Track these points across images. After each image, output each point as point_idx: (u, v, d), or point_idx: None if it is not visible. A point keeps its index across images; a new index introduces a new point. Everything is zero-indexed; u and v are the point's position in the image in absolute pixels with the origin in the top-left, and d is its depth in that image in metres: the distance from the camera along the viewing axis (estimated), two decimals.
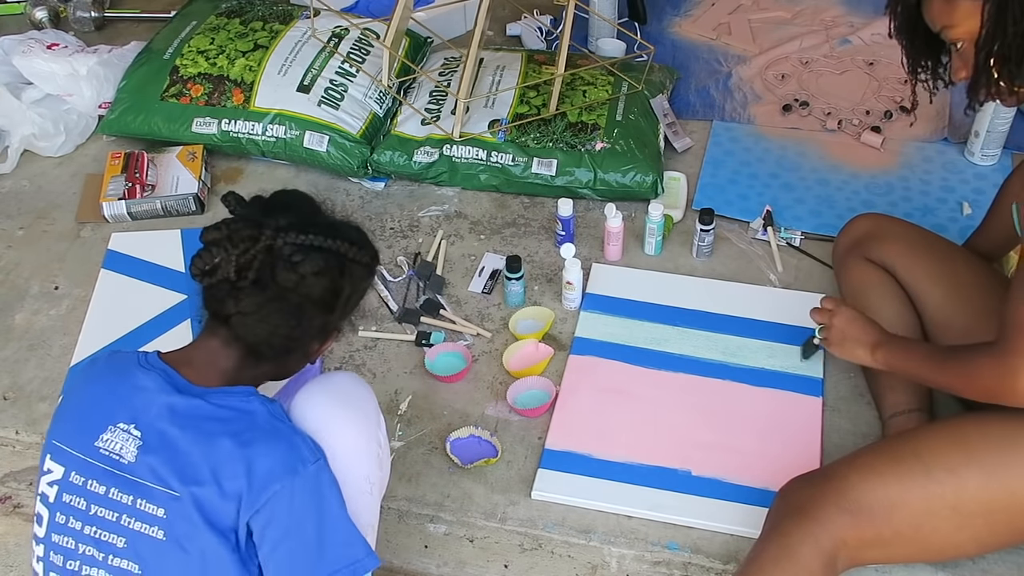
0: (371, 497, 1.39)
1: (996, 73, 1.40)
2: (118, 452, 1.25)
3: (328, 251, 1.30)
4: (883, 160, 2.38)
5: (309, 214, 1.37)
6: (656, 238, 2.13)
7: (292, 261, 1.28)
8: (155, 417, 1.26)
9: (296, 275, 1.28)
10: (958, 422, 1.54)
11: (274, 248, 1.27)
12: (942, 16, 1.42)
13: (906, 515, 1.44)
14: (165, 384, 1.28)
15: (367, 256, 1.37)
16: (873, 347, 1.63)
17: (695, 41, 2.79)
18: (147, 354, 1.33)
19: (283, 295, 1.28)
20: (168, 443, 1.25)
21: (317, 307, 1.32)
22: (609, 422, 1.81)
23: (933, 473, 1.43)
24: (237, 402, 1.28)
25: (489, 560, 1.69)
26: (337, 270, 1.32)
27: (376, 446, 1.41)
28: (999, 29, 1.36)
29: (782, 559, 1.44)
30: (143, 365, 1.31)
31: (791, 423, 1.80)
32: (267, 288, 1.27)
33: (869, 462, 1.48)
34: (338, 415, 1.37)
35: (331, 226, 1.34)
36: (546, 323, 1.99)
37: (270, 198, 1.38)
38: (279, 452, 1.25)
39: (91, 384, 1.34)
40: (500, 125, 2.31)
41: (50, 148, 2.46)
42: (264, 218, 1.30)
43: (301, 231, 1.29)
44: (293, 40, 2.48)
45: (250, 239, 1.27)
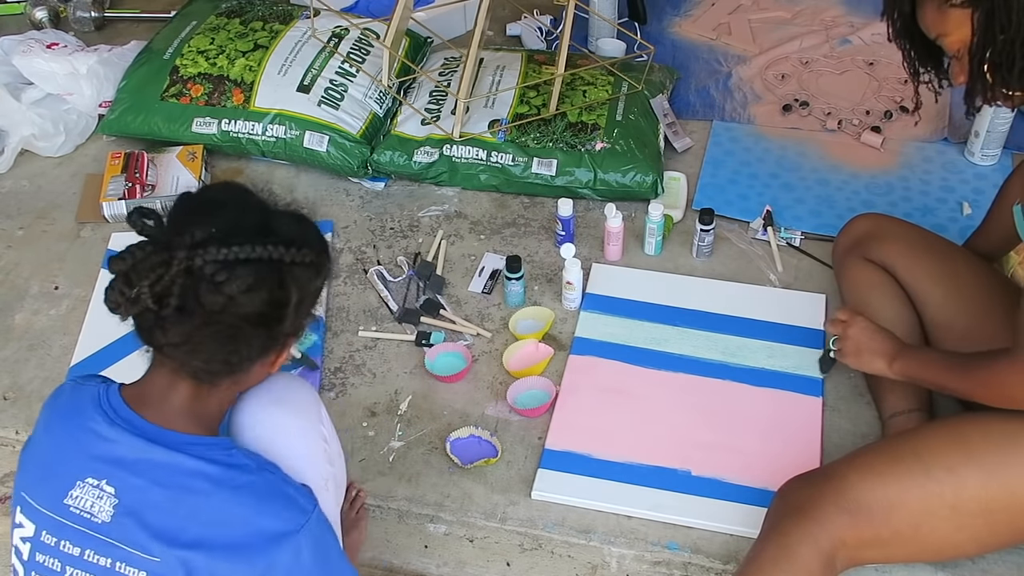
0: (327, 492, 1.33)
1: (991, 79, 1.41)
2: (90, 511, 1.16)
3: (258, 261, 1.14)
4: (883, 160, 2.38)
5: (235, 216, 1.18)
6: (656, 238, 2.13)
7: (216, 281, 1.11)
8: (130, 473, 1.16)
9: (223, 296, 1.12)
10: (958, 422, 1.54)
11: (193, 269, 1.11)
12: (935, 25, 1.44)
13: (905, 515, 1.44)
14: (133, 437, 1.17)
15: (309, 254, 1.19)
16: (890, 358, 1.63)
17: (695, 41, 2.79)
18: (109, 391, 1.22)
19: (213, 320, 1.13)
20: (148, 502, 1.15)
21: (258, 325, 1.17)
22: (609, 422, 1.81)
23: (932, 473, 1.44)
24: (220, 455, 1.19)
25: (489, 560, 1.69)
26: (274, 280, 1.16)
27: (321, 442, 1.35)
28: (989, 37, 1.38)
29: (781, 559, 1.44)
30: (106, 411, 1.19)
31: (791, 423, 1.80)
32: (193, 314, 1.12)
33: (868, 462, 1.48)
34: (275, 418, 1.30)
35: (260, 229, 1.17)
36: (546, 323, 1.99)
37: (193, 198, 1.23)
38: (277, 508, 1.18)
39: (53, 429, 1.24)
40: (500, 125, 2.31)
41: (50, 148, 2.46)
42: (176, 235, 1.13)
43: (222, 243, 1.12)
44: (293, 40, 2.48)
45: (162, 265, 1.11)
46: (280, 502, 1.18)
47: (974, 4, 1.37)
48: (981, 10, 1.37)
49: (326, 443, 1.36)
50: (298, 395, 1.34)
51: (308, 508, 1.20)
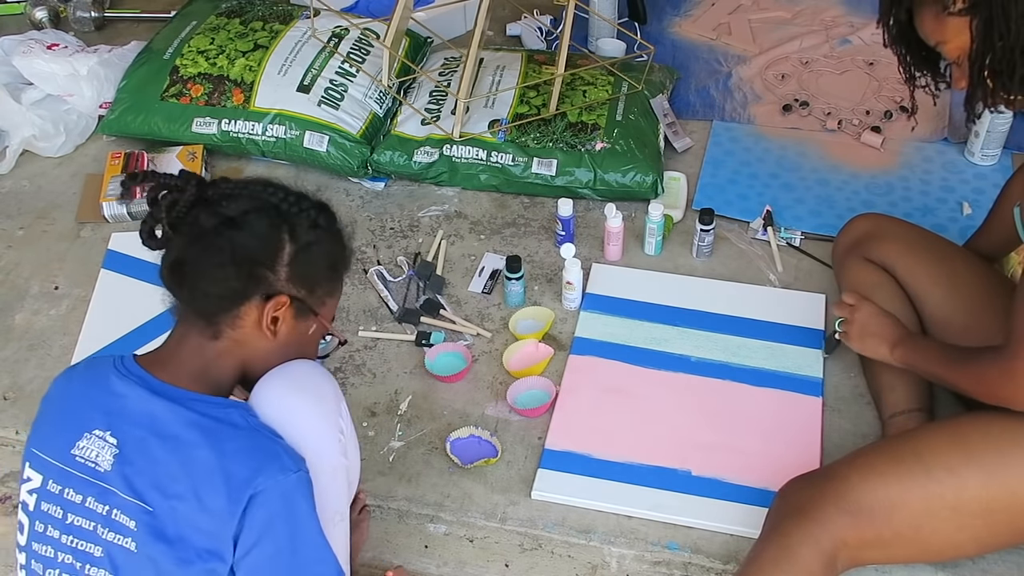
0: (335, 483, 1.35)
1: (991, 84, 1.42)
2: (94, 460, 1.22)
3: (257, 198, 1.27)
4: (883, 160, 2.38)
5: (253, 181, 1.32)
6: (656, 238, 2.13)
7: (219, 206, 1.25)
8: (133, 424, 1.23)
9: (218, 216, 1.24)
10: (959, 422, 1.54)
11: (204, 198, 1.25)
12: (934, 33, 1.44)
13: (906, 516, 1.44)
14: (142, 390, 1.24)
15: (310, 209, 1.29)
16: (893, 344, 1.65)
17: (695, 41, 2.79)
18: (123, 357, 1.30)
19: (206, 236, 1.23)
20: (146, 453, 1.21)
21: (245, 254, 1.24)
22: (609, 422, 1.81)
23: (933, 474, 1.43)
24: (217, 411, 1.24)
25: (489, 560, 1.69)
26: (269, 218, 1.26)
27: (337, 432, 1.36)
28: (988, 44, 1.38)
29: (782, 560, 1.44)
30: (119, 370, 1.27)
31: (791, 423, 1.80)
32: (193, 230, 1.24)
33: (869, 462, 1.48)
34: (295, 401, 1.33)
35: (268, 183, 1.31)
36: (546, 323, 1.99)
37: None
38: (259, 461, 1.21)
39: (68, 391, 1.32)
40: (500, 125, 2.31)
41: (50, 148, 2.47)
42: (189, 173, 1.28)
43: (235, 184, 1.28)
44: (293, 40, 2.48)
45: (177, 189, 1.25)
46: (263, 457, 1.22)
47: (972, 12, 1.38)
48: (979, 18, 1.37)
49: (342, 435, 1.37)
50: (320, 384, 1.36)
51: (291, 468, 1.22)
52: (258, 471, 1.20)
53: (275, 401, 1.32)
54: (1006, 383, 1.43)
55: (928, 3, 1.42)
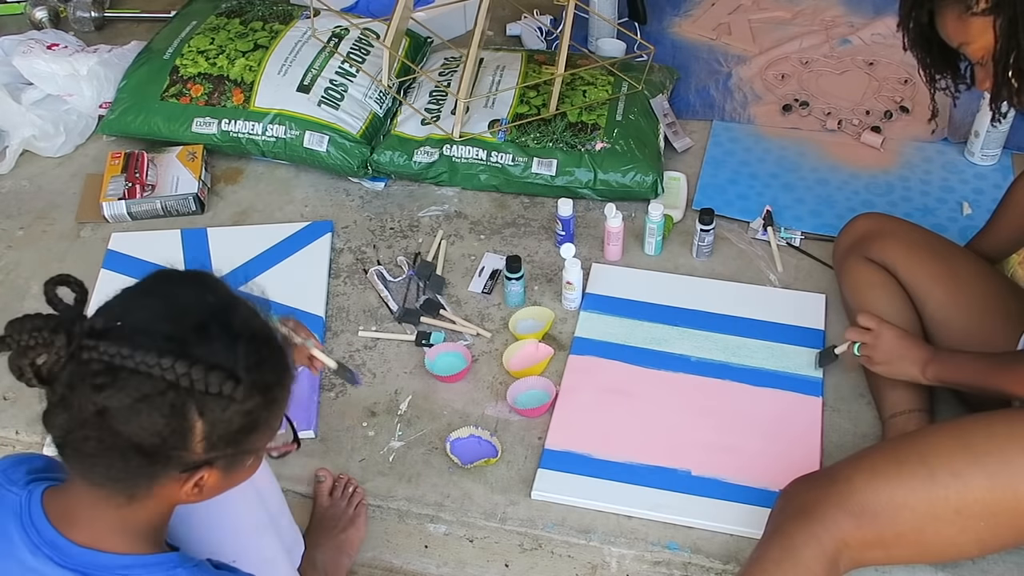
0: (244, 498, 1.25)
1: (1016, 84, 1.42)
2: None
3: (150, 377, 0.95)
4: (883, 160, 2.38)
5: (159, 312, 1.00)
6: (656, 238, 2.13)
7: (95, 384, 0.95)
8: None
9: (93, 405, 0.95)
10: (962, 424, 1.53)
11: (80, 361, 0.96)
12: (958, 34, 1.44)
13: (910, 518, 1.43)
14: (62, 570, 1.02)
15: (226, 383, 0.98)
16: (923, 364, 1.62)
17: (695, 41, 2.79)
18: (31, 501, 1.06)
19: (88, 425, 0.97)
20: None
21: (137, 450, 0.98)
22: (609, 422, 1.81)
23: (937, 476, 1.43)
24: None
25: (489, 560, 1.69)
26: (167, 403, 0.96)
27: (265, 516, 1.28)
28: (1012, 43, 1.38)
29: (784, 560, 1.44)
30: (29, 534, 1.04)
31: (791, 423, 1.80)
32: (69, 411, 0.97)
33: (873, 464, 1.48)
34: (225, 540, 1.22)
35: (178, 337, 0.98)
36: (546, 323, 1.99)
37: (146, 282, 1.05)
38: None
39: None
40: (500, 125, 2.31)
41: (50, 148, 2.46)
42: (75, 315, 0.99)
43: (119, 341, 0.95)
44: (293, 40, 2.48)
45: (43, 344, 0.97)
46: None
47: (996, 11, 1.37)
48: (1003, 17, 1.37)
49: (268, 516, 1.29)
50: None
51: None
52: None
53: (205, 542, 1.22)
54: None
55: (951, 4, 1.41)
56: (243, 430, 1.03)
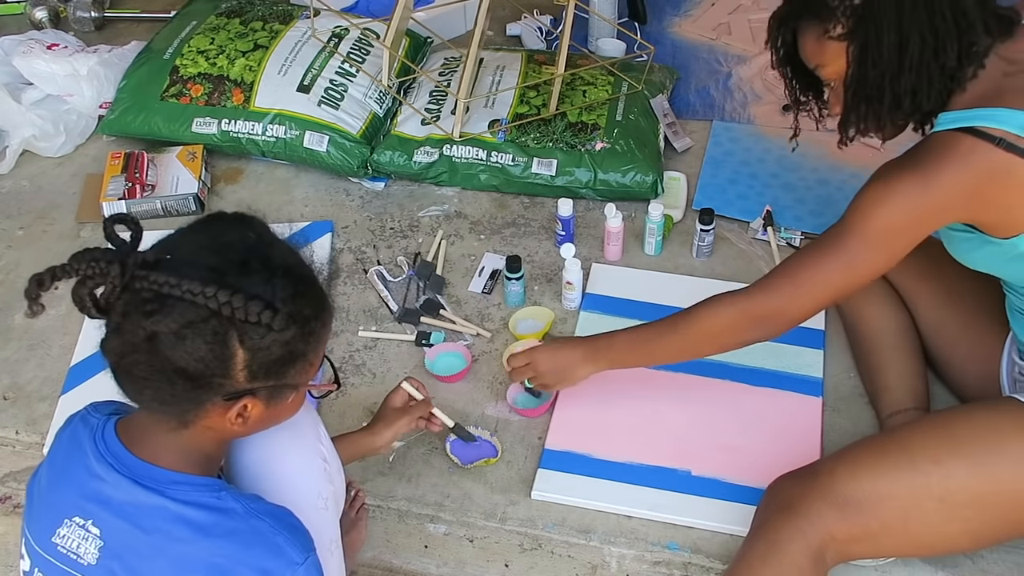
0: (327, 512, 1.31)
1: (864, 111, 1.45)
2: (76, 551, 1.12)
3: (195, 305, 1.03)
4: (883, 160, 2.37)
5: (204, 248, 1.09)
6: (656, 238, 2.13)
7: (146, 311, 1.03)
8: (114, 514, 1.11)
9: (144, 330, 1.04)
10: (944, 415, 1.56)
11: (132, 290, 1.04)
12: (814, 55, 1.47)
13: (893, 508, 1.44)
14: (119, 476, 1.12)
15: (265, 312, 1.05)
16: (588, 359, 1.68)
17: (695, 41, 2.79)
18: (106, 424, 1.17)
19: (138, 349, 1.05)
20: (132, 548, 1.11)
21: (183, 375, 1.06)
22: (609, 422, 1.81)
23: (919, 465, 1.44)
24: (207, 499, 1.12)
25: (489, 560, 1.69)
26: (210, 330, 1.04)
27: (320, 461, 1.31)
28: (862, 70, 1.41)
29: (770, 556, 1.44)
30: (98, 446, 1.15)
31: (791, 423, 1.80)
32: (123, 336, 1.06)
33: (855, 456, 1.49)
34: (274, 438, 1.26)
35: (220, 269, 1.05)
36: (546, 323, 1.99)
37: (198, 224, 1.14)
38: (264, 557, 1.11)
39: (55, 462, 1.20)
40: (500, 125, 2.31)
41: (50, 148, 2.47)
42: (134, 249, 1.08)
43: (169, 271, 1.03)
44: (293, 40, 2.48)
45: (100, 275, 1.05)
46: (267, 553, 1.11)
47: (850, 37, 1.40)
48: (856, 44, 1.40)
49: (325, 462, 1.33)
50: (297, 415, 1.28)
51: (297, 560, 1.12)
52: (261, 570, 1.10)
53: (251, 446, 1.26)
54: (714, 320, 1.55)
55: (811, 26, 1.44)
56: (282, 361, 1.11)
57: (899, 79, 1.39)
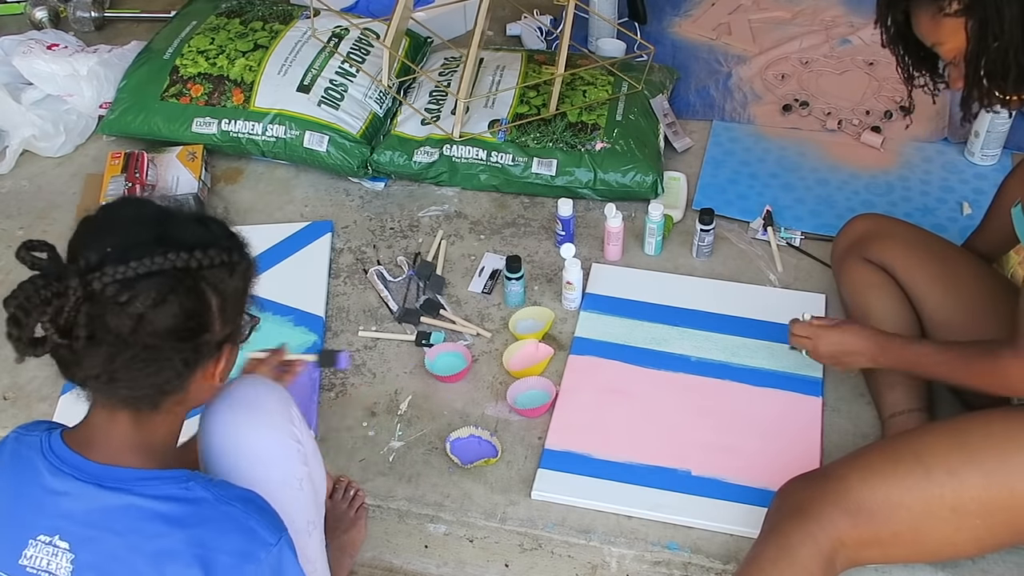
0: (302, 493, 1.32)
1: (987, 85, 1.43)
2: (47, 569, 1.11)
3: (159, 273, 1.07)
4: (883, 160, 2.38)
5: (128, 233, 1.11)
6: (656, 238, 2.13)
7: (119, 302, 1.05)
8: (82, 525, 1.11)
9: (129, 317, 1.05)
10: (958, 422, 1.54)
11: (94, 294, 1.05)
12: (931, 34, 1.45)
13: (905, 516, 1.44)
14: (82, 484, 1.12)
15: (218, 254, 1.11)
16: (873, 357, 1.64)
17: (695, 41, 2.79)
18: (51, 439, 1.16)
19: (127, 343, 1.07)
20: (106, 553, 1.11)
21: (177, 339, 1.10)
22: (609, 422, 1.81)
23: (933, 475, 1.43)
24: (176, 491, 1.12)
25: (489, 560, 1.69)
26: (183, 289, 1.08)
27: (293, 442, 1.32)
28: (983, 45, 1.39)
29: (781, 559, 1.44)
30: (50, 460, 1.14)
31: (791, 423, 1.80)
32: (104, 342, 1.06)
33: (869, 463, 1.48)
34: (243, 422, 1.27)
35: (159, 238, 1.10)
36: (546, 323, 1.99)
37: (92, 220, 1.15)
38: (239, 542, 1.12)
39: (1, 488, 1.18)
40: (500, 125, 2.31)
41: (50, 148, 2.47)
42: (69, 262, 1.09)
43: (119, 261, 1.05)
44: (293, 40, 2.48)
45: (57, 296, 1.04)
46: (241, 537, 1.13)
47: (968, 13, 1.38)
48: (975, 19, 1.38)
49: (299, 443, 1.33)
50: (266, 398, 1.31)
51: (271, 541, 1.14)
52: (242, 556, 1.12)
53: (223, 430, 1.27)
54: (1017, 376, 1.43)
55: (925, 5, 1.42)
56: (242, 295, 1.18)
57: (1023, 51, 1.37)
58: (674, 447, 1.77)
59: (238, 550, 1.12)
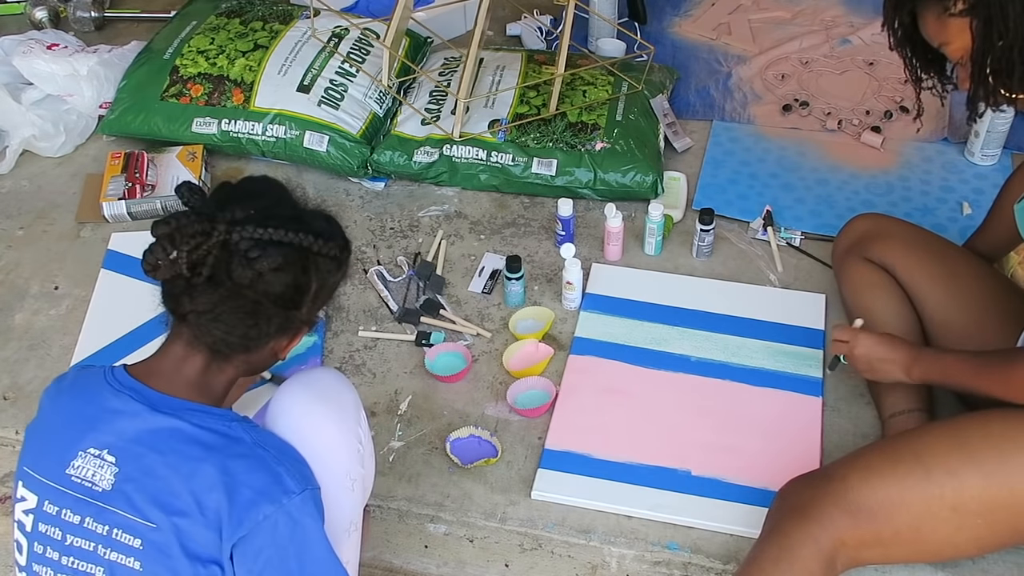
0: (353, 494, 1.36)
1: (993, 84, 1.43)
2: (91, 480, 1.19)
3: (289, 245, 1.22)
4: (883, 160, 2.38)
5: (272, 204, 1.27)
6: (656, 238, 2.13)
7: (249, 257, 1.19)
8: (131, 441, 1.20)
9: (252, 272, 1.20)
10: (958, 422, 1.54)
11: (229, 243, 1.19)
12: (937, 34, 1.45)
13: (906, 516, 1.44)
14: (138, 405, 1.21)
15: (335, 248, 1.28)
16: (906, 366, 1.62)
17: (695, 41, 2.79)
18: (115, 369, 1.26)
19: (239, 293, 1.20)
20: (147, 470, 1.19)
21: (278, 304, 1.24)
22: (609, 422, 1.81)
23: (933, 474, 1.44)
24: (219, 425, 1.22)
25: (489, 560, 1.69)
26: (299, 265, 1.24)
27: (356, 442, 1.37)
28: (988, 44, 1.39)
29: (782, 560, 1.44)
30: (111, 384, 1.24)
31: (791, 423, 1.80)
32: (222, 285, 1.20)
33: (869, 463, 1.48)
34: (316, 411, 1.33)
35: (295, 218, 1.25)
36: (546, 323, 1.99)
37: (234, 186, 1.31)
38: (263, 481, 1.19)
39: (58, 406, 1.28)
40: (500, 125, 2.31)
41: (50, 148, 2.47)
42: (220, 211, 1.21)
43: (259, 224, 1.20)
44: (293, 40, 2.48)
45: (202, 234, 1.18)
46: (266, 477, 1.19)
47: (972, 13, 1.38)
48: (979, 18, 1.38)
49: (360, 445, 1.39)
50: (342, 394, 1.39)
51: (294, 489, 1.20)
52: (263, 494, 1.18)
53: (296, 412, 1.33)
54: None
55: (930, 5, 1.43)
56: (333, 288, 1.33)
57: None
58: (674, 447, 1.77)
59: (260, 488, 1.18)
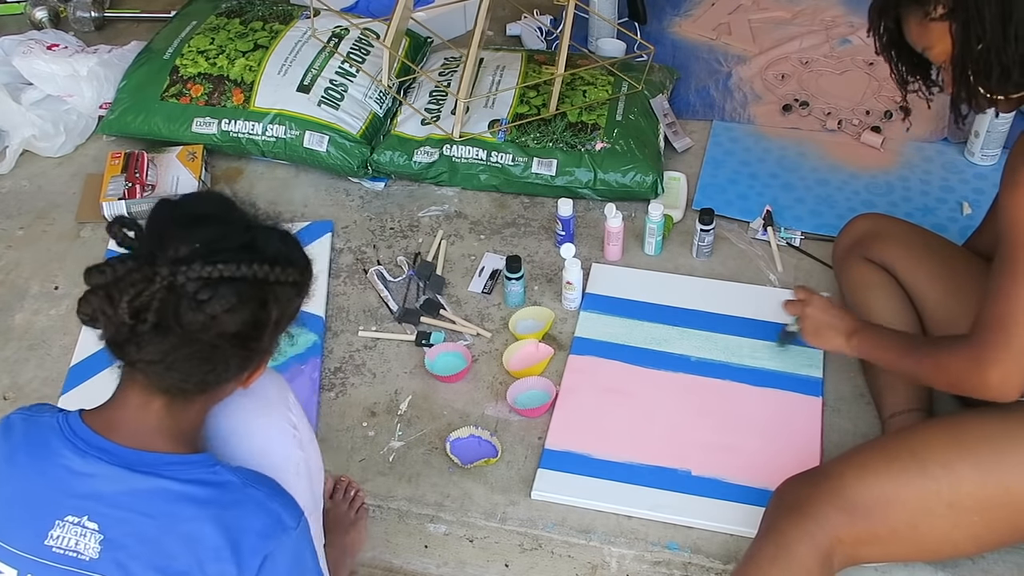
0: (300, 478, 1.32)
1: (974, 86, 1.44)
2: (75, 549, 1.11)
3: (242, 280, 1.10)
4: (883, 160, 2.38)
5: (219, 230, 1.14)
6: (656, 238, 2.13)
7: (198, 300, 1.08)
8: (111, 506, 1.12)
9: (204, 315, 1.09)
10: (954, 419, 1.55)
11: (175, 286, 1.08)
12: (920, 39, 1.47)
13: (902, 513, 1.44)
14: (109, 466, 1.13)
15: (293, 273, 1.17)
16: (848, 334, 1.65)
17: (695, 41, 2.79)
18: (68, 421, 1.16)
19: (192, 338, 1.10)
20: (137, 534, 1.12)
21: (235, 344, 1.14)
22: (609, 422, 1.81)
23: (929, 470, 1.44)
24: (204, 474, 1.15)
25: (489, 560, 1.69)
26: (256, 300, 1.13)
27: (289, 427, 1.33)
28: (967, 47, 1.41)
29: (779, 558, 1.44)
30: (73, 441, 1.14)
31: (791, 423, 1.80)
32: (171, 332, 1.09)
33: (865, 460, 1.49)
34: (243, 411, 1.29)
35: (246, 246, 1.14)
36: (546, 323, 1.99)
37: (174, 209, 1.19)
38: (263, 523, 1.15)
39: (18, 467, 1.17)
40: (500, 125, 2.31)
41: (50, 149, 2.47)
42: (160, 248, 1.10)
43: (206, 260, 1.08)
44: (293, 40, 2.48)
45: (143, 281, 1.07)
46: (267, 519, 1.16)
47: (952, 16, 1.40)
48: (958, 22, 1.40)
49: (295, 429, 1.35)
50: (263, 383, 1.30)
51: (291, 525, 1.17)
52: (266, 537, 1.15)
53: (223, 417, 1.29)
54: (972, 373, 1.43)
55: (912, 11, 1.44)
56: (296, 312, 1.23)
57: (1005, 51, 1.38)
58: (674, 447, 1.77)
59: (262, 531, 1.15)
